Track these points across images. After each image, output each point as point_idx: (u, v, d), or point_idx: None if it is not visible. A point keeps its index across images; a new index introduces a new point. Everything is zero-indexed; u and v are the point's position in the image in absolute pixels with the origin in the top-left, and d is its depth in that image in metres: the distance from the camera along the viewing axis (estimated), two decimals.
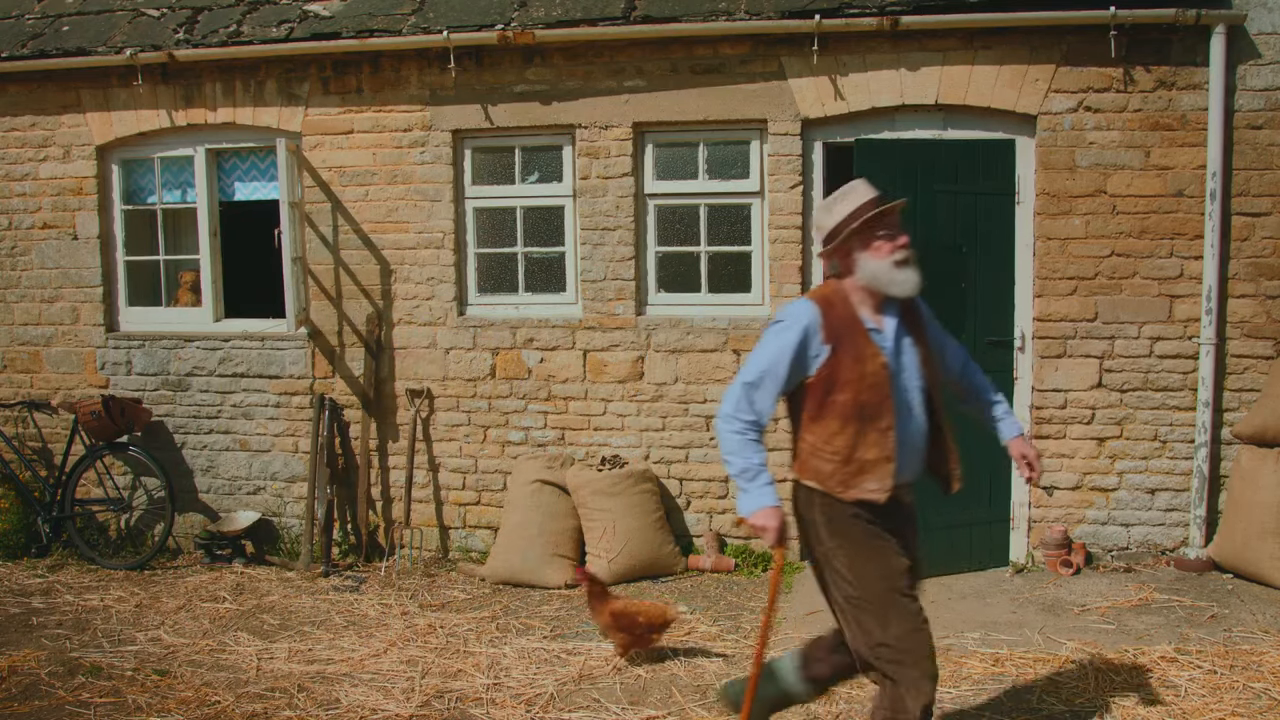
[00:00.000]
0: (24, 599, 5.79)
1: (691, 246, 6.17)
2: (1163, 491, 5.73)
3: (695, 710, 4.08)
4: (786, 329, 3.06)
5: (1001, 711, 3.97)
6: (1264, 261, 5.57)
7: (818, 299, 3.13)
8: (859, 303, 3.11)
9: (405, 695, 4.31)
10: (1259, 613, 4.95)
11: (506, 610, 5.43)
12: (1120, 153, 5.61)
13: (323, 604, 5.61)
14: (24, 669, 4.67)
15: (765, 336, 3.12)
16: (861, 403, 3.02)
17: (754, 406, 3.06)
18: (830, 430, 3.06)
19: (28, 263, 6.88)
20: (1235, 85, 5.49)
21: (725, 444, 3.11)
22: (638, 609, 4.58)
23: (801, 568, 5.96)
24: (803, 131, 5.87)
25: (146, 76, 6.49)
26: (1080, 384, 5.73)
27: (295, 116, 6.42)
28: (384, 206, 6.38)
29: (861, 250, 3.07)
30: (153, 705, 4.25)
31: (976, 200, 5.70)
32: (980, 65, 5.66)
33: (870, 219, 3.04)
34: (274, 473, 6.67)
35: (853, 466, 3.05)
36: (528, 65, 6.11)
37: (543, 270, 6.39)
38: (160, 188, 6.78)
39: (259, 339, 6.61)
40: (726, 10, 5.80)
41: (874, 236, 3.05)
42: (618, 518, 5.82)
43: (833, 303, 3.10)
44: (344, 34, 6.16)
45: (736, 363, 6.00)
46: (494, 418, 6.36)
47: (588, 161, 6.11)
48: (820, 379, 3.05)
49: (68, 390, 6.87)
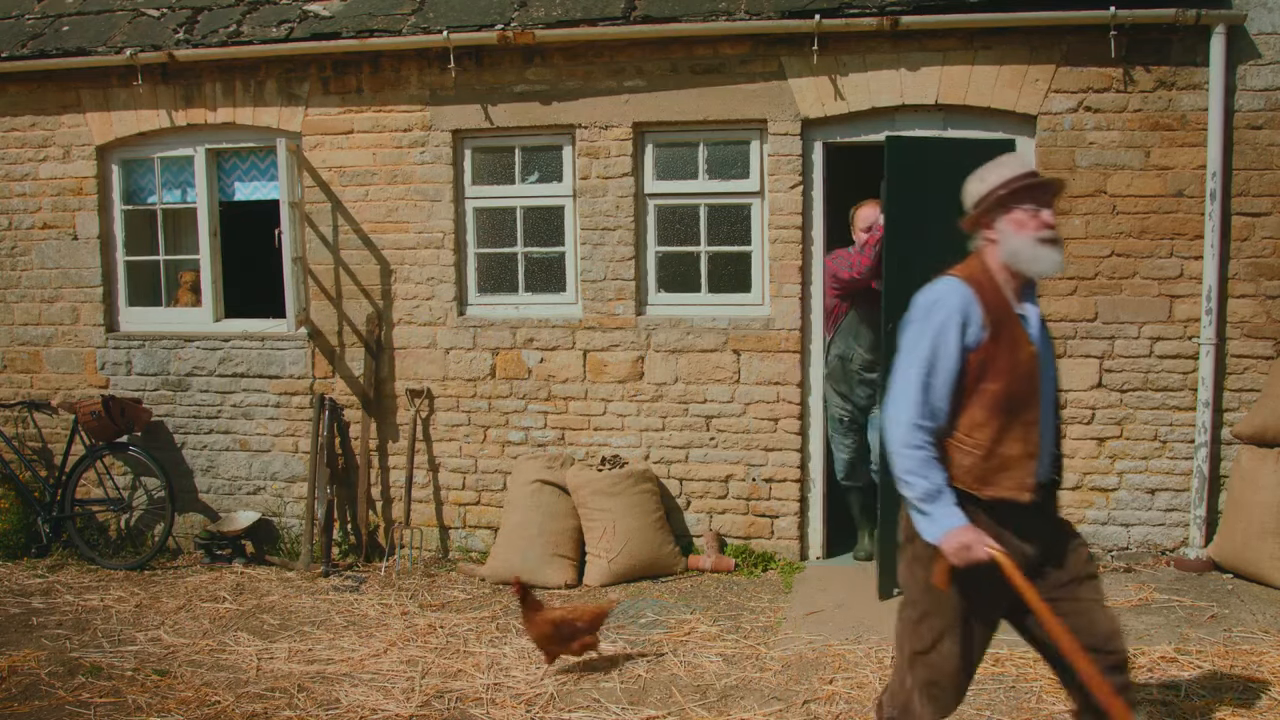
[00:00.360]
0: (24, 599, 5.79)
1: (691, 246, 6.17)
2: (1163, 491, 5.73)
3: (695, 710, 4.08)
4: (941, 308, 2.82)
5: (1001, 711, 3.96)
6: (1264, 261, 5.57)
7: (966, 278, 2.89)
8: (1003, 284, 2.90)
9: (405, 695, 4.31)
10: (1259, 613, 4.95)
11: (506, 610, 5.43)
12: (1120, 153, 5.61)
13: (323, 604, 5.61)
14: (24, 669, 4.67)
15: (915, 324, 2.86)
16: (1012, 393, 2.80)
17: (932, 408, 2.79)
18: (974, 420, 2.81)
19: (28, 263, 6.88)
20: (1235, 85, 5.49)
21: (903, 462, 2.79)
22: (577, 613, 4.51)
23: (801, 567, 5.97)
24: (803, 131, 5.87)
25: (146, 76, 6.49)
26: (1080, 384, 5.73)
27: (295, 116, 6.42)
28: (384, 206, 6.38)
29: (1005, 223, 2.88)
30: (153, 705, 4.25)
31: None
32: (980, 65, 5.66)
33: (1019, 189, 2.86)
34: (274, 473, 6.67)
35: (994, 462, 2.81)
36: (528, 65, 6.11)
37: (543, 270, 6.39)
38: (160, 188, 6.78)
39: (259, 339, 6.61)
40: (726, 10, 5.80)
41: (1020, 209, 2.86)
42: (618, 518, 5.82)
43: (981, 283, 2.88)
44: (344, 34, 6.16)
45: (736, 363, 6.01)
46: (494, 418, 6.36)
47: (588, 161, 6.11)
48: (973, 364, 2.80)
49: (68, 390, 6.87)
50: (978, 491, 2.82)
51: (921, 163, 5.39)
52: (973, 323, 2.81)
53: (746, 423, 6.05)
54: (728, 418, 6.07)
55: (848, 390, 5.85)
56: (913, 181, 5.28)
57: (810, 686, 4.25)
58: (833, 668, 4.43)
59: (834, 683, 4.27)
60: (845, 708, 4.04)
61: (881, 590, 5.31)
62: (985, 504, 2.82)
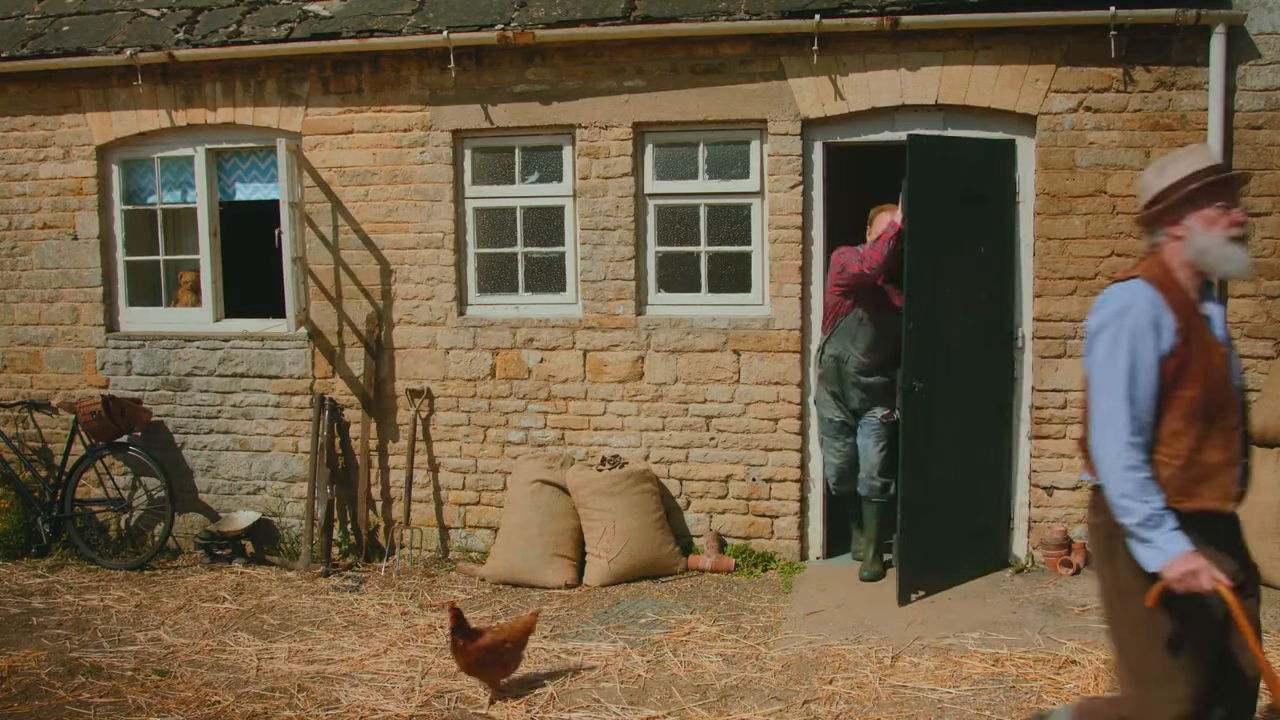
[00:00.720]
0: (24, 599, 5.79)
1: (691, 246, 6.17)
2: None
3: (695, 710, 4.08)
4: (1131, 314, 2.64)
5: (1001, 711, 3.97)
6: (1264, 261, 5.57)
7: (1149, 278, 2.70)
8: (1185, 283, 2.72)
9: (405, 695, 4.31)
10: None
11: (506, 610, 5.43)
12: (1120, 153, 5.60)
13: (323, 604, 5.61)
14: (24, 669, 4.67)
15: (1105, 334, 2.67)
16: (1209, 399, 2.64)
17: (1140, 423, 2.61)
18: (1172, 430, 2.64)
19: (28, 263, 6.88)
20: (1235, 85, 5.49)
21: (1120, 486, 2.60)
22: (506, 634, 4.27)
23: (801, 567, 5.97)
24: (803, 131, 5.87)
25: (146, 76, 6.49)
26: (1080, 384, 5.71)
27: (295, 116, 6.42)
28: (384, 206, 6.38)
29: (1194, 220, 2.69)
30: (153, 705, 4.26)
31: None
32: (980, 65, 5.66)
33: (1211, 185, 2.68)
34: (274, 473, 6.67)
35: (1194, 472, 2.65)
36: (528, 65, 6.11)
37: (543, 270, 6.39)
38: (160, 188, 6.78)
39: (259, 339, 6.61)
40: (726, 10, 5.80)
41: (1210, 205, 2.68)
42: (618, 518, 5.82)
43: (1166, 283, 2.70)
44: (344, 34, 6.16)
45: (736, 363, 6.01)
46: (494, 418, 6.36)
47: (588, 161, 6.11)
48: (1168, 371, 2.64)
49: (68, 390, 6.87)
50: (1178, 505, 2.65)
51: (940, 161, 5.39)
52: (1164, 327, 2.64)
53: (746, 423, 6.05)
54: (728, 418, 6.07)
55: (840, 392, 5.74)
56: (933, 181, 5.29)
57: (810, 686, 4.25)
58: (833, 668, 4.43)
59: (834, 683, 4.27)
60: (845, 708, 4.04)
61: (901, 595, 5.31)
62: (1186, 517, 2.64)
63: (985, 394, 5.76)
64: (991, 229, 5.70)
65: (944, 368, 5.44)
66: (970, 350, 5.64)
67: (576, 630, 5.08)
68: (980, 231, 5.64)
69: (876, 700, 4.10)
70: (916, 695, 4.14)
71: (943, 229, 5.40)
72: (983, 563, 5.78)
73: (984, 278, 5.67)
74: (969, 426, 5.66)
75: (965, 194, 5.49)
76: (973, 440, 5.71)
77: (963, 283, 5.56)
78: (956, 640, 4.71)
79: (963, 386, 5.58)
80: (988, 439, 5.81)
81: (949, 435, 5.51)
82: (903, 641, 4.72)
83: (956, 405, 5.54)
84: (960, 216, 5.50)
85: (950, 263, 5.48)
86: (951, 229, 5.46)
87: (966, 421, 5.63)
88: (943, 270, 5.43)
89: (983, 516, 5.81)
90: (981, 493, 5.79)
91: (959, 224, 5.49)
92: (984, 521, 5.82)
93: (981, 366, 5.72)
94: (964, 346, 5.59)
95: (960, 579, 5.59)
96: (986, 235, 5.68)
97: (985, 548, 5.82)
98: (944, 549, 5.53)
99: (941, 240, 5.40)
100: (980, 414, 5.73)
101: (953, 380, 5.50)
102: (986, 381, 5.77)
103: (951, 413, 5.51)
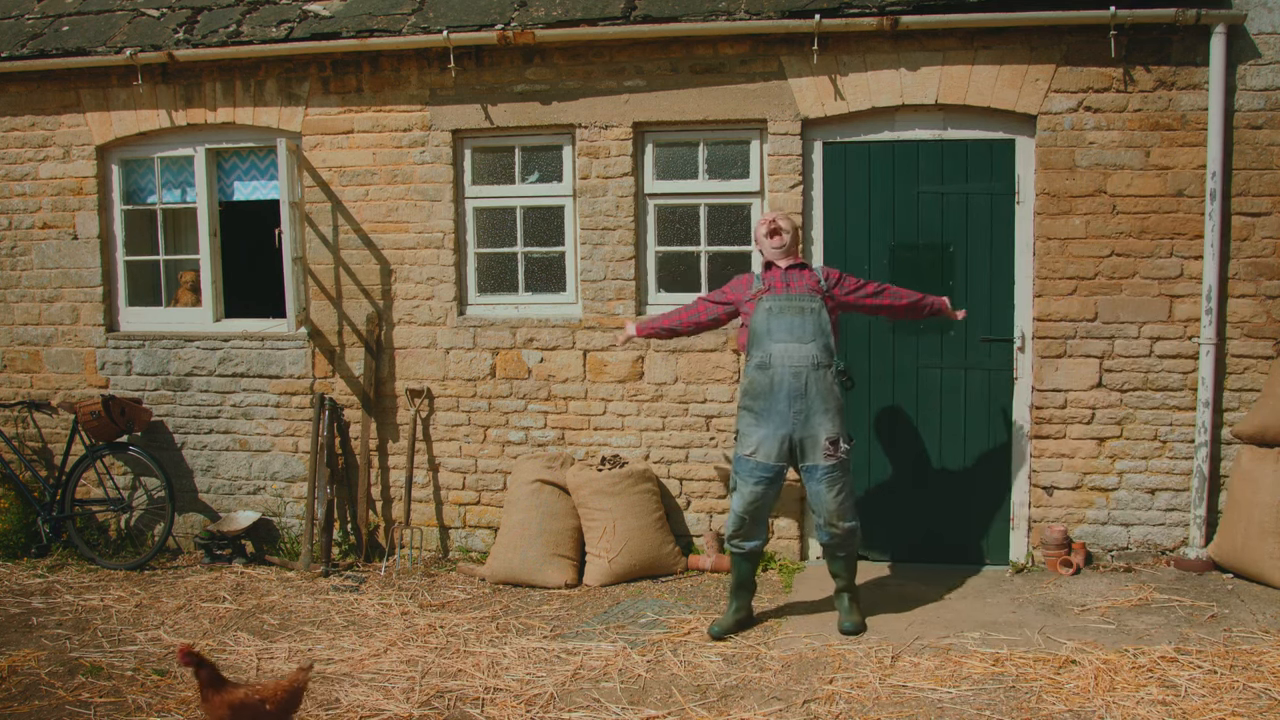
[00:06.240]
0: (24, 599, 5.79)
1: (691, 246, 6.17)
2: (1163, 491, 5.73)
3: (695, 710, 4.08)
4: None
5: (1001, 711, 3.97)
6: (1264, 261, 5.57)
7: None
8: None
9: (405, 695, 4.31)
10: (1259, 613, 4.95)
11: (506, 610, 5.43)
12: (1120, 153, 5.61)
13: (323, 604, 5.61)
14: (24, 669, 4.67)
15: None
16: None
17: None
18: None
19: (28, 263, 6.88)
20: (1235, 85, 5.49)
21: None
22: (264, 693, 3.58)
23: (801, 567, 5.97)
24: (803, 131, 5.87)
25: (146, 76, 6.50)
26: (1080, 384, 5.72)
27: (295, 116, 6.42)
28: (384, 206, 6.38)
29: None
30: (153, 705, 4.25)
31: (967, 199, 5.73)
32: (980, 65, 5.66)
33: None
34: (274, 473, 6.67)
35: None
36: (528, 65, 6.11)
37: (543, 270, 6.39)
38: (160, 188, 6.78)
39: (259, 339, 6.61)
40: (726, 10, 5.80)
41: None
42: (618, 517, 5.82)
43: None
44: (344, 34, 6.16)
45: (736, 362, 6.01)
46: (494, 417, 6.36)
47: (588, 161, 6.11)
48: None
49: (68, 390, 6.87)
50: None
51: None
52: None
53: None
54: (728, 417, 6.06)
55: (768, 409, 4.76)
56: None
57: (810, 686, 4.25)
58: (833, 667, 4.44)
59: (834, 682, 4.27)
60: (845, 707, 4.04)
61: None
62: None
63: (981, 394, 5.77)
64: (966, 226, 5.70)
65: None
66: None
67: (576, 630, 5.08)
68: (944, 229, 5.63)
69: (876, 700, 4.10)
70: (916, 695, 4.14)
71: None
72: (982, 562, 5.77)
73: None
74: (967, 426, 5.65)
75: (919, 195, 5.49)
76: (972, 439, 5.70)
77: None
78: (956, 640, 4.71)
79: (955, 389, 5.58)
80: (986, 438, 5.80)
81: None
82: (903, 641, 4.73)
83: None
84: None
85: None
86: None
87: (966, 422, 5.62)
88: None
89: (982, 515, 5.81)
90: (980, 491, 5.79)
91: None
92: (983, 520, 5.82)
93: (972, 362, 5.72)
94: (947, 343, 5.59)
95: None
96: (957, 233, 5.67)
97: (984, 546, 5.82)
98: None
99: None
100: (981, 414, 5.73)
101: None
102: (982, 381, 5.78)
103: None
